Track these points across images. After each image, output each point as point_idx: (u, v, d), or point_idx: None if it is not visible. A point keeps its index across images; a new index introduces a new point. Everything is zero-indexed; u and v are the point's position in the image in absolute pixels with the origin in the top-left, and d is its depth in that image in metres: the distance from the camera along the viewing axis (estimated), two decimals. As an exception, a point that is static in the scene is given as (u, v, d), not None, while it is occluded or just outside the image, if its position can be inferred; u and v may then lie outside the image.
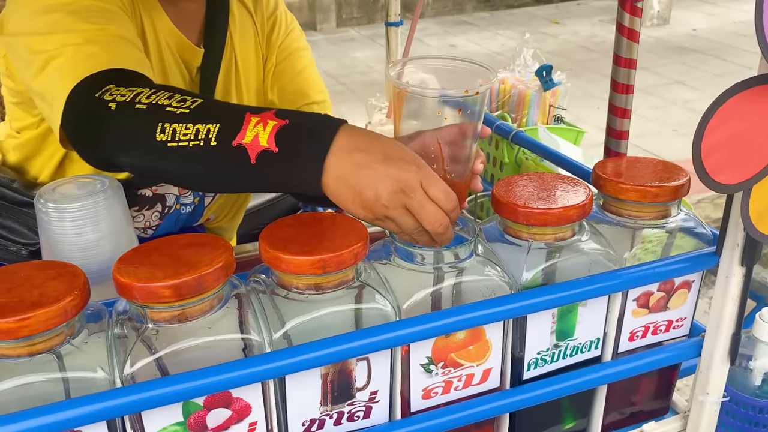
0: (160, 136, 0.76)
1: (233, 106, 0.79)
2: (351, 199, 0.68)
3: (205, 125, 0.75)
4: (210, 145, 0.74)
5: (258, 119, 0.73)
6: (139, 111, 0.78)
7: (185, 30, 1.09)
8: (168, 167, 0.79)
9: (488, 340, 0.70)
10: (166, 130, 0.76)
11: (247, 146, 0.72)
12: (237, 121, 0.74)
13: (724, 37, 5.94)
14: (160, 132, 0.76)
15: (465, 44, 5.97)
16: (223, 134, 0.74)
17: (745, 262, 0.70)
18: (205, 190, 0.93)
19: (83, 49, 0.87)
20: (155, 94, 0.79)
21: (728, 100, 0.59)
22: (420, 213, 0.67)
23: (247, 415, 0.62)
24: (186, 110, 0.77)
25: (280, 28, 1.23)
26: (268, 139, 0.71)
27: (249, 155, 0.72)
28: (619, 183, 0.76)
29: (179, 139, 0.75)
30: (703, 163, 0.61)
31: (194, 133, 0.75)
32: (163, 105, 0.78)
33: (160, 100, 0.79)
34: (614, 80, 1.11)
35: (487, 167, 1.50)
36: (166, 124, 0.76)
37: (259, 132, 0.72)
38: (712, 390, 0.76)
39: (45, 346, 0.56)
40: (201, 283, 0.58)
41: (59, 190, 0.76)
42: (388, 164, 0.68)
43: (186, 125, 0.76)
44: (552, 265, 0.72)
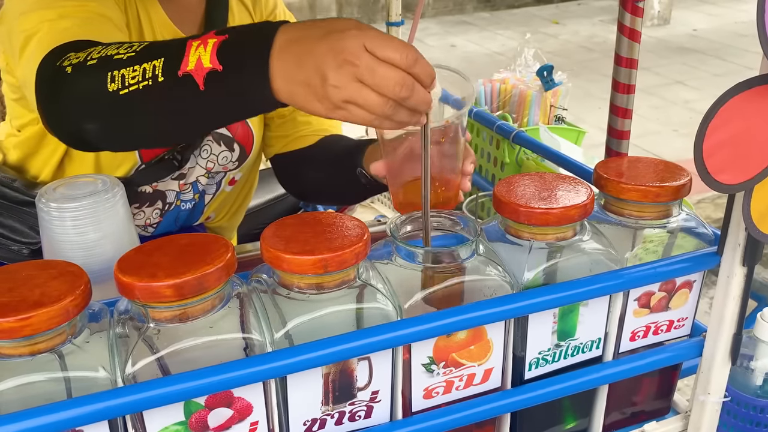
0: (111, 86, 0.74)
1: (178, 39, 0.75)
2: (304, 96, 0.64)
3: (151, 62, 0.72)
4: (158, 82, 0.71)
5: (198, 42, 0.70)
6: (91, 67, 0.76)
7: (183, 24, 1.09)
8: (128, 120, 0.77)
9: (489, 339, 0.70)
10: (115, 78, 0.74)
11: (193, 72, 0.69)
12: (180, 50, 0.71)
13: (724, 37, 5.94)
14: (111, 81, 0.74)
15: (465, 44, 5.97)
16: (168, 66, 0.71)
17: (747, 262, 0.70)
18: (169, 138, 0.89)
19: (57, 25, 0.87)
20: (105, 47, 0.77)
21: (730, 100, 0.59)
22: (373, 79, 0.61)
23: (248, 414, 0.62)
24: (132, 53, 0.75)
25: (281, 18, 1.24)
26: (210, 59, 0.69)
27: (197, 82, 0.69)
28: (620, 183, 0.76)
29: (129, 84, 0.73)
30: (704, 163, 0.61)
31: (141, 74, 0.72)
32: (111, 55, 0.76)
33: (109, 51, 0.76)
34: (615, 80, 1.12)
35: (488, 167, 1.50)
36: (114, 71, 0.74)
37: (201, 54, 0.69)
38: (714, 390, 0.76)
39: (46, 345, 0.56)
40: (202, 282, 0.58)
41: (60, 190, 0.76)
42: (325, 42, 0.63)
43: (133, 67, 0.73)
44: (553, 264, 0.72)
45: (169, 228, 1.22)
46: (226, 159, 1.19)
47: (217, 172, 1.20)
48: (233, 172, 1.22)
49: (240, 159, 1.21)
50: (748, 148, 0.61)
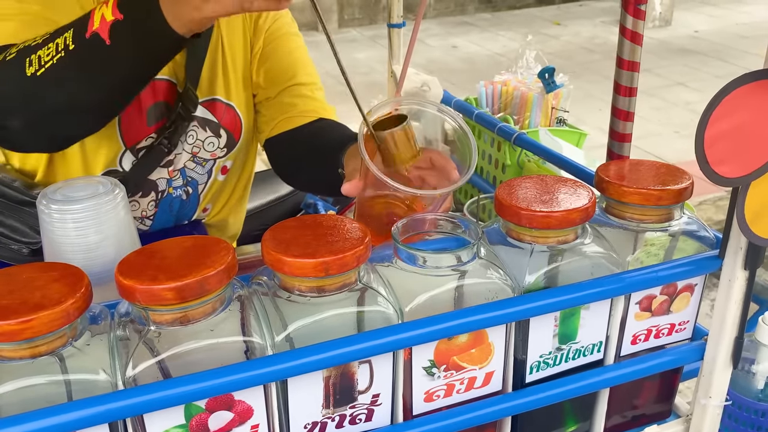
0: (29, 70, 0.77)
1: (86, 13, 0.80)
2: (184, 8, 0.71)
3: (62, 36, 0.77)
4: (69, 50, 0.75)
5: (101, 4, 0.76)
6: (10, 62, 0.80)
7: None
8: (49, 100, 0.79)
9: (491, 343, 0.70)
10: (32, 61, 0.77)
11: (99, 30, 0.74)
12: (86, 17, 0.77)
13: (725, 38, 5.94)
14: (29, 66, 0.77)
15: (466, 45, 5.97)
16: (77, 33, 0.76)
17: (749, 266, 0.69)
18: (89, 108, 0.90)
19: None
20: (24, 42, 0.81)
21: (734, 90, 0.59)
22: None
23: (249, 417, 0.62)
24: (47, 36, 0.79)
25: (267, 14, 1.23)
26: (112, 12, 0.75)
27: (103, 38, 0.74)
28: (622, 186, 0.76)
29: (44, 63, 0.76)
30: (705, 153, 0.60)
31: (54, 48, 0.76)
32: (28, 45, 0.79)
33: (27, 42, 0.80)
34: (617, 83, 1.11)
35: (489, 169, 1.50)
36: (32, 56, 0.78)
37: (104, 12, 0.75)
38: (715, 394, 0.76)
39: (47, 348, 0.56)
40: (203, 285, 0.58)
41: (61, 192, 0.76)
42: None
43: (47, 46, 0.77)
44: (555, 268, 0.72)
45: (166, 221, 1.22)
46: (213, 145, 1.19)
47: (206, 159, 1.20)
48: (223, 159, 1.22)
49: (228, 146, 1.21)
50: (749, 142, 0.61)
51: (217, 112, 1.18)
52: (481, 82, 1.65)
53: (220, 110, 1.19)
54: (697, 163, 0.61)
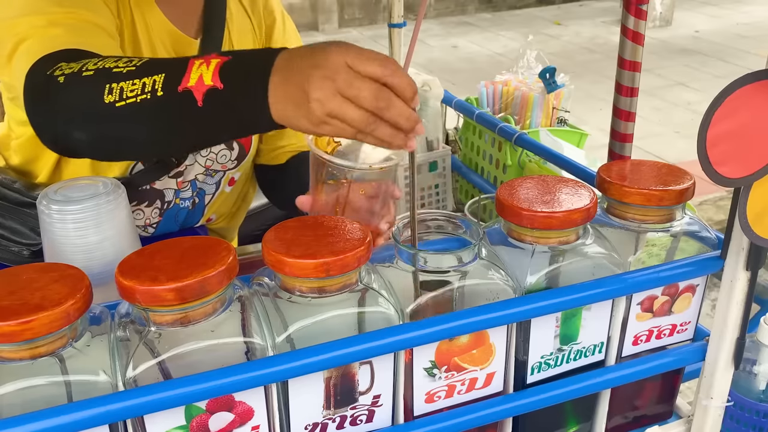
0: (108, 97, 0.75)
1: (180, 57, 0.77)
2: (294, 115, 0.66)
3: (151, 77, 0.73)
4: (157, 96, 0.72)
5: (201, 61, 0.72)
6: (86, 78, 0.77)
7: (181, 23, 1.09)
8: (119, 131, 0.77)
9: (492, 343, 0.69)
10: (113, 90, 0.75)
11: (193, 89, 0.70)
12: (181, 67, 0.73)
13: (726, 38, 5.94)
14: (108, 93, 0.75)
15: (467, 45, 5.97)
16: (169, 82, 0.72)
17: (750, 267, 0.69)
18: (162, 149, 0.90)
19: (47, 32, 0.86)
20: (102, 60, 0.78)
21: (738, 90, 0.59)
22: (351, 92, 0.63)
23: (249, 418, 0.61)
24: (132, 68, 0.76)
25: (280, 28, 1.24)
26: (212, 77, 0.70)
27: (195, 98, 0.70)
28: (623, 186, 0.75)
29: (126, 97, 0.74)
30: (707, 153, 0.60)
31: (140, 87, 0.73)
32: (109, 68, 0.77)
33: (107, 64, 0.77)
34: (618, 83, 1.11)
35: (490, 169, 1.50)
36: (113, 84, 0.75)
37: (203, 72, 0.71)
38: (716, 394, 0.76)
39: (47, 349, 0.56)
40: (204, 286, 0.58)
41: (62, 192, 0.76)
42: (310, 59, 0.66)
43: (132, 81, 0.74)
44: (556, 268, 0.72)
45: (169, 228, 1.21)
46: (225, 157, 1.19)
47: (216, 170, 1.20)
48: (232, 171, 1.22)
49: (239, 158, 1.21)
50: (751, 142, 0.61)
51: None
52: (482, 82, 1.65)
53: None
54: (699, 164, 0.61)
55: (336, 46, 0.65)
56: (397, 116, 0.65)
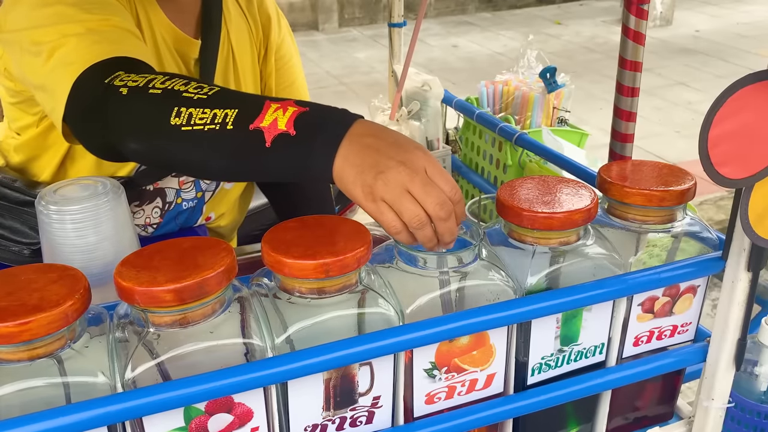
0: (174, 119, 0.75)
1: (253, 95, 0.78)
2: (353, 179, 0.68)
3: (223, 110, 0.74)
4: (226, 129, 0.73)
5: (278, 105, 0.73)
6: (153, 96, 0.78)
7: (181, 23, 1.09)
8: (178, 151, 0.78)
9: (492, 344, 0.69)
10: (182, 114, 0.75)
11: (265, 129, 0.72)
12: (256, 107, 0.74)
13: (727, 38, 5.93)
14: (176, 116, 0.75)
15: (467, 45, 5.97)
16: (241, 119, 0.73)
17: (752, 267, 0.69)
18: (211, 176, 0.93)
19: (86, 38, 0.87)
20: (170, 80, 0.79)
21: (740, 90, 0.58)
22: (421, 193, 0.66)
23: (248, 420, 0.61)
24: (204, 96, 0.77)
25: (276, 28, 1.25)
26: (287, 123, 0.72)
27: (265, 138, 0.72)
28: (624, 187, 0.75)
29: (195, 123, 0.75)
30: (708, 153, 0.60)
31: (211, 117, 0.74)
32: (179, 90, 0.77)
33: (176, 86, 0.78)
34: (619, 83, 1.11)
35: (490, 169, 1.49)
36: (182, 108, 0.76)
37: (279, 117, 0.72)
38: (717, 396, 0.76)
39: (46, 350, 0.55)
40: (203, 287, 0.58)
41: (60, 192, 0.76)
42: (395, 148, 0.68)
43: (203, 110, 0.75)
44: (556, 269, 0.71)
45: (169, 228, 1.21)
46: None
47: None
48: None
49: None
50: (753, 142, 0.61)
51: None
52: (482, 82, 1.64)
53: None
54: (701, 164, 0.60)
55: (418, 148, 0.69)
56: (447, 230, 0.67)
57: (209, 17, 1.12)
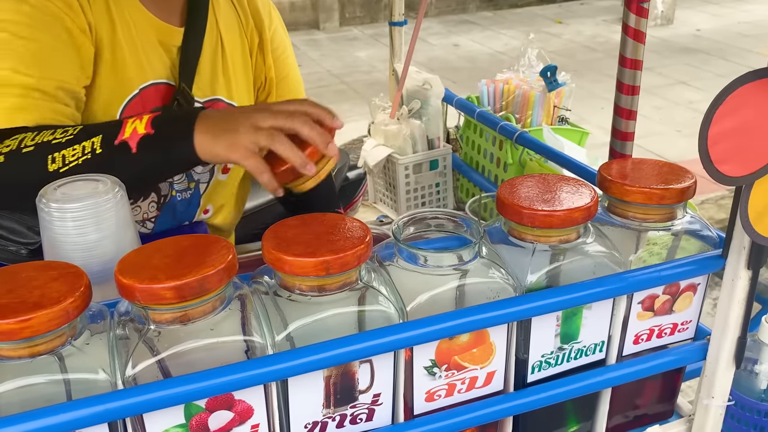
0: (51, 166, 0.86)
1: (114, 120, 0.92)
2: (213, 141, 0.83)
3: (90, 140, 0.86)
4: (96, 154, 0.85)
5: (134, 118, 0.86)
6: (27, 154, 0.87)
7: (163, 13, 1.09)
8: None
9: (492, 342, 0.69)
10: (56, 159, 0.86)
11: (128, 140, 0.85)
12: (117, 126, 0.86)
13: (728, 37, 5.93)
14: (51, 162, 0.86)
15: (468, 44, 5.97)
16: (106, 140, 0.85)
17: (752, 265, 0.69)
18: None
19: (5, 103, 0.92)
20: (39, 134, 0.88)
21: (740, 88, 0.58)
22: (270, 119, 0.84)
23: (249, 417, 0.61)
24: (71, 136, 0.87)
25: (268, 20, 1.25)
26: (145, 127, 0.85)
27: (130, 146, 0.84)
28: (624, 185, 0.75)
29: (69, 162, 0.85)
30: (708, 151, 0.60)
31: (81, 150, 0.85)
32: (48, 141, 0.87)
33: (45, 138, 0.88)
34: (620, 81, 1.11)
35: (491, 168, 1.49)
36: (55, 153, 0.86)
37: (137, 125, 0.85)
38: (717, 394, 0.76)
39: (46, 347, 0.55)
40: (203, 284, 0.58)
41: (62, 190, 0.76)
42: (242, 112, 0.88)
43: (73, 147, 0.86)
44: (557, 267, 0.71)
45: (168, 223, 1.21)
46: None
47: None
48: None
49: None
50: (753, 140, 0.61)
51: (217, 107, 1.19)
52: (483, 81, 1.64)
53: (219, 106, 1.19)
54: (701, 162, 0.60)
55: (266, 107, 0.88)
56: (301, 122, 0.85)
57: (195, 5, 1.13)
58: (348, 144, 2.19)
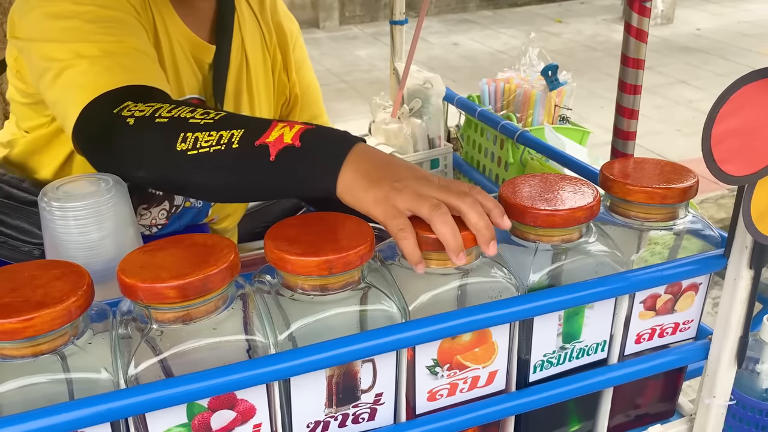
0: (181, 145, 0.76)
1: (260, 118, 0.79)
2: (365, 187, 0.68)
3: (229, 131, 0.75)
4: (231, 148, 0.74)
5: (285, 124, 0.74)
6: (160, 124, 0.79)
7: (196, 28, 1.09)
8: (185, 176, 0.79)
9: (494, 342, 0.69)
10: (188, 139, 0.76)
11: (270, 144, 0.73)
12: (264, 126, 0.75)
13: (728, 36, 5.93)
14: (182, 141, 0.76)
15: (468, 43, 5.97)
16: (247, 137, 0.74)
17: (754, 265, 0.69)
18: (218, 196, 0.94)
19: (99, 62, 0.86)
20: (176, 108, 0.80)
21: (742, 88, 0.58)
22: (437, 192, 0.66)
23: (251, 416, 0.61)
24: (210, 120, 0.77)
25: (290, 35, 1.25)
26: (293, 138, 0.72)
27: (270, 152, 0.72)
28: (626, 184, 0.75)
29: (200, 146, 0.75)
30: (711, 150, 0.60)
31: (217, 139, 0.75)
32: (185, 118, 0.78)
33: (182, 113, 0.79)
34: (622, 80, 1.11)
35: (492, 167, 1.49)
36: (188, 133, 0.77)
37: (285, 132, 0.73)
38: (719, 393, 0.76)
39: (49, 346, 0.55)
40: (206, 283, 0.58)
41: (63, 189, 0.76)
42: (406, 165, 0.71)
43: (209, 132, 0.76)
44: (559, 266, 0.71)
45: (174, 229, 1.21)
46: None
47: None
48: None
49: None
50: (756, 140, 0.61)
51: None
52: (484, 80, 1.64)
53: None
54: (704, 161, 0.60)
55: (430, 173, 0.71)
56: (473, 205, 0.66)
57: (223, 22, 1.12)
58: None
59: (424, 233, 0.65)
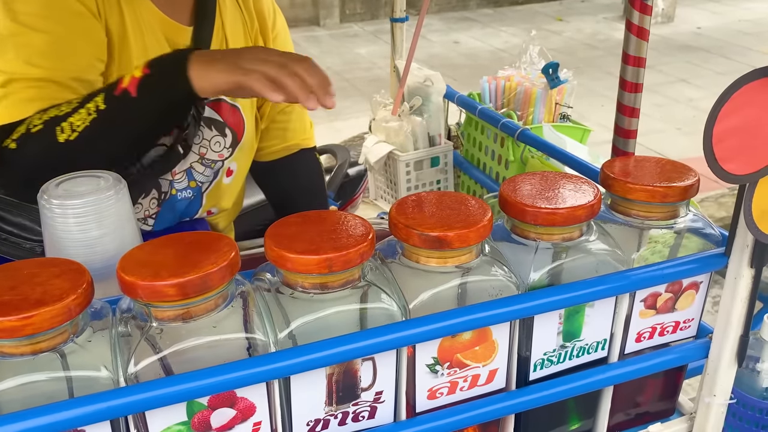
0: (61, 137, 0.87)
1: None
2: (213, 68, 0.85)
3: (92, 100, 0.88)
4: (101, 110, 0.87)
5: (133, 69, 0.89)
6: (37, 132, 0.89)
7: (172, 10, 1.10)
8: (83, 156, 0.88)
9: (494, 340, 0.69)
10: (64, 129, 0.87)
11: (127, 87, 0.86)
12: (116, 81, 0.89)
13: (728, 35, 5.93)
14: (60, 133, 0.87)
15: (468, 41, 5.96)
16: (108, 95, 0.87)
17: (755, 264, 0.69)
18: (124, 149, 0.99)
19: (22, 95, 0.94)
20: (45, 113, 0.90)
21: (744, 86, 0.58)
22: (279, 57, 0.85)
23: (251, 414, 0.61)
24: (75, 104, 0.89)
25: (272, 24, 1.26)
26: (142, 71, 0.87)
27: (130, 92, 0.86)
28: (627, 183, 0.75)
29: (76, 127, 0.87)
30: (713, 149, 0.60)
31: (86, 113, 0.87)
32: (54, 115, 0.89)
33: (50, 114, 0.90)
34: (623, 79, 1.11)
35: (492, 165, 1.49)
36: (62, 124, 0.88)
37: (135, 72, 0.88)
38: (719, 392, 0.76)
39: (48, 344, 0.55)
40: (206, 281, 0.58)
41: (63, 186, 0.76)
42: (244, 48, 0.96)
43: (77, 111, 0.88)
44: (559, 265, 0.71)
45: (168, 220, 1.21)
46: (220, 145, 1.20)
47: (213, 160, 1.20)
48: (229, 160, 1.23)
49: (233, 145, 1.22)
50: (757, 138, 0.60)
51: (223, 112, 1.19)
52: (485, 78, 1.64)
53: (225, 110, 1.19)
54: (705, 160, 0.60)
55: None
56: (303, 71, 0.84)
57: (204, 4, 1.13)
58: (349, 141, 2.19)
59: (423, 231, 0.65)
